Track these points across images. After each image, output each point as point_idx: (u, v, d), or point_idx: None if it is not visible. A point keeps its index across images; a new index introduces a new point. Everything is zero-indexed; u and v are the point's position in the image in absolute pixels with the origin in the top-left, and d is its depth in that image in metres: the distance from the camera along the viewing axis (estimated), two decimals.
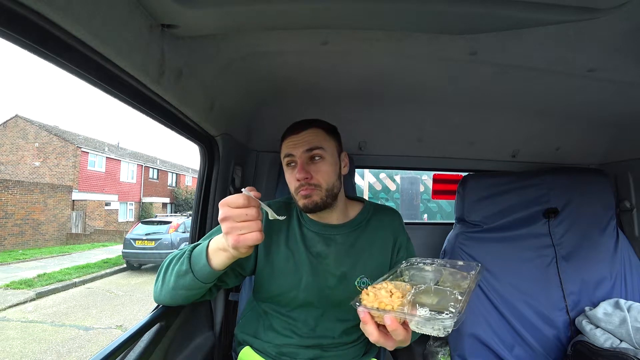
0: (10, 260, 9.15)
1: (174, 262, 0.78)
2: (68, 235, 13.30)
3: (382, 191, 4.00)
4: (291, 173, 0.87)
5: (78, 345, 4.36)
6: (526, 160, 1.61)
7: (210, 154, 1.12)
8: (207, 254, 0.73)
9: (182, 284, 0.75)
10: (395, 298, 0.56)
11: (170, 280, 0.76)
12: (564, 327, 1.29)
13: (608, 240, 1.41)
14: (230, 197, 0.66)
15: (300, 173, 0.83)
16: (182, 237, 8.70)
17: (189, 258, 0.75)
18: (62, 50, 0.49)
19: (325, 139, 0.89)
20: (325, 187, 0.85)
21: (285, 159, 0.89)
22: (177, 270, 0.75)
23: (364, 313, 0.56)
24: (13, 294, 6.24)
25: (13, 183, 11.76)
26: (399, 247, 0.94)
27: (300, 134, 0.87)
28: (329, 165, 0.87)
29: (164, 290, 0.79)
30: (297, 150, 0.86)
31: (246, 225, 0.64)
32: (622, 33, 0.74)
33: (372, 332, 0.56)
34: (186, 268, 0.74)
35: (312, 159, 0.86)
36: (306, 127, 0.88)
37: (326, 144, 0.88)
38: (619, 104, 1.21)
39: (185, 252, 0.77)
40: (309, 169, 0.85)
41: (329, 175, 0.86)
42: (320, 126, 0.90)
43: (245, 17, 0.68)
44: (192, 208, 1.20)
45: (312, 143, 0.86)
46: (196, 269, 0.73)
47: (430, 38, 0.83)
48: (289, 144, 0.87)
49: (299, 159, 0.85)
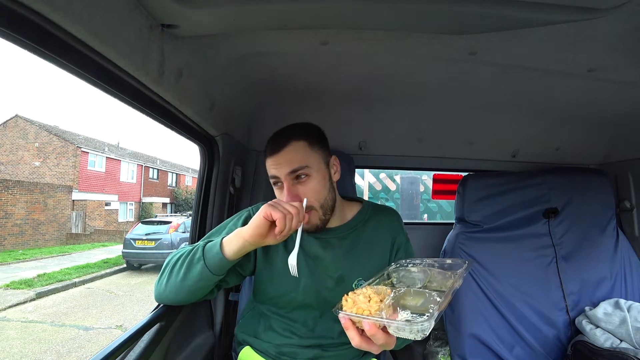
0: (10, 260, 9.15)
1: (183, 257, 0.79)
2: (68, 235, 13.30)
3: (382, 191, 4.00)
4: (280, 194, 0.84)
5: (78, 345, 4.36)
6: (526, 160, 1.61)
7: (210, 154, 1.12)
8: (221, 243, 0.76)
9: (192, 275, 0.77)
10: (373, 303, 0.57)
11: (180, 272, 0.78)
12: (564, 327, 1.29)
13: (608, 240, 1.41)
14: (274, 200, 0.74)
15: (289, 197, 0.79)
16: (182, 237, 8.70)
17: (202, 248, 0.78)
18: (62, 50, 0.49)
19: (307, 153, 0.82)
20: (318, 205, 0.82)
21: (272, 181, 0.85)
22: (188, 260, 0.78)
23: (344, 319, 0.57)
24: (13, 294, 6.24)
25: (13, 183, 11.76)
26: (398, 247, 0.93)
27: (280, 153, 0.81)
28: (317, 182, 0.82)
29: (169, 286, 0.79)
30: (280, 171, 0.81)
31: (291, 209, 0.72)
32: (622, 33, 0.74)
33: (354, 337, 0.57)
34: (199, 256, 0.76)
35: (297, 178, 0.81)
36: (285, 143, 0.81)
37: (311, 160, 0.82)
38: (618, 104, 1.21)
39: (197, 246, 0.79)
40: (297, 191, 0.80)
41: (319, 192, 0.82)
42: (301, 137, 0.83)
43: (245, 17, 0.68)
44: (192, 208, 1.20)
45: (294, 163, 0.80)
46: (208, 256, 0.76)
47: (430, 38, 0.83)
48: (271, 163, 0.82)
49: (284, 181, 0.81)
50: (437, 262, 0.71)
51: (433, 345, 1.58)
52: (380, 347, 0.59)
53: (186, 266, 0.77)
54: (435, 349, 1.55)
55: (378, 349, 0.60)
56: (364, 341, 0.58)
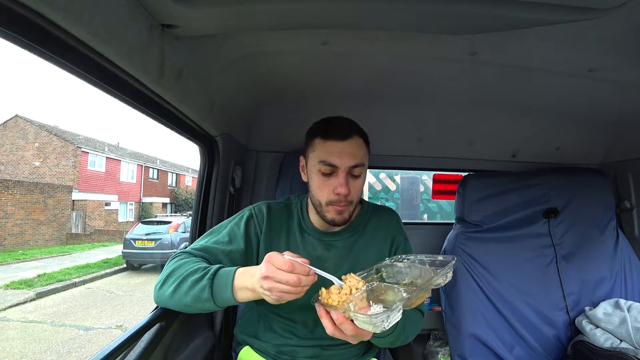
0: (10, 260, 9.15)
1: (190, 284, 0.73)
2: (68, 235, 13.30)
3: (382, 191, 4.00)
4: (325, 181, 0.82)
5: (78, 345, 4.36)
6: (526, 160, 1.61)
7: (210, 154, 1.12)
8: (233, 288, 0.70)
9: (199, 307, 0.74)
10: (342, 294, 0.61)
11: (186, 299, 0.73)
12: (564, 327, 1.29)
13: (608, 240, 1.41)
14: (276, 256, 0.65)
15: (344, 188, 0.79)
16: (182, 237, 8.70)
17: (210, 287, 0.71)
18: (62, 50, 0.49)
19: (365, 153, 0.84)
20: (355, 202, 0.85)
21: (322, 166, 0.81)
22: (195, 295, 0.72)
23: (318, 308, 0.63)
24: (13, 294, 6.24)
25: (13, 183, 11.76)
26: (396, 247, 0.94)
27: (346, 141, 0.80)
28: (363, 181, 0.84)
29: (173, 302, 0.76)
30: (342, 161, 0.79)
31: (286, 289, 0.63)
32: (622, 33, 0.74)
33: (327, 325, 0.62)
34: (207, 297, 0.71)
35: (351, 173, 0.81)
36: (351, 134, 0.82)
37: (365, 159, 0.84)
38: (619, 104, 1.21)
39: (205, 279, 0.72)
40: (349, 185, 0.81)
41: (361, 191, 0.85)
42: (362, 135, 0.85)
43: (245, 17, 0.68)
44: (192, 208, 1.20)
45: (358, 158, 0.81)
46: (218, 298, 0.71)
47: (430, 38, 0.83)
48: (332, 149, 0.80)
49: (343, 172, 0.80)
50: (428, 257, 0.73)
51: (433, 345, 1.58)
52: (354, 338, 0.62)
53: (193, 299, 0.72)
54: (435, 349, 1.55)
55: (353, 339, 0.63)
56: (336, 330, 0.61)
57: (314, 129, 0.86)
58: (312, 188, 0.86)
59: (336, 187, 0.80)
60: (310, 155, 0.86)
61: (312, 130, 0.86)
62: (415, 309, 0.89)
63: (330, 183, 0.81)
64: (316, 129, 0.85)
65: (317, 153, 0.83)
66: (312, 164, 0.84)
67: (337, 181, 0.80)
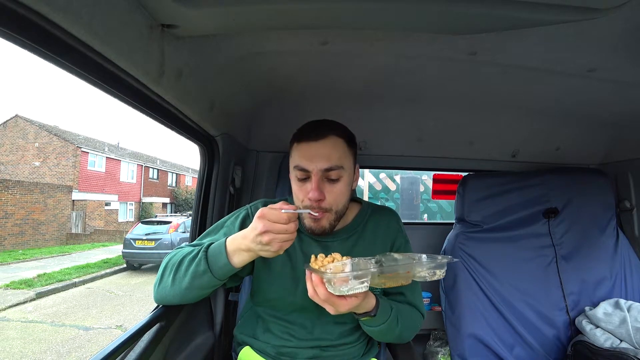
0: (10, 260, 9.15)
1: (186, 264, 0.76)
2: (68, 235, 13.30)
3: (382, 191, 4.00)
4: (300, 187, 0.79)
5: (78, 345, 4.36)
6: (526, 160, 1.61)
7: (210, 154, 1.12)
8: (227, 253, 0.73)
9: (198, 284, 0.75)
10: (326, 262, 0.67)
11: (184, 281, 0.75)
12: (564, 327, 1.29)
13: (608, 240, 1.41)
14: (270, 212, 0.67)
15: (315, 193, 0.74)
16: (182, 237, 8.69)
17: (205, 259, 0.74)
18: (62, 50, 0.49)
19: (345, 154, 0.79)
20: (335, 210, 0.79)
21: (297, 172, 0.78)
22: (192, 271, 0.74)
23: (307, 272, 0.67)
24: (13, 294, 6.23)
25: (13, 183, 11.75)
26: (397, 249, 0.93)
27: (318, 142, 0.76)
28: (344, 186, 0.78)
29: (173, 291, 0.77)
30: (312, 165, 0.75)
31: (286, 237, 0.68)
32: (622, 33, 0.74)
33: (309, 287, 0.66)
34: (204, 268, 0.73)
35: (328, 177, 0.77)
36: (326, 134, 0.77)
37: (346, 161, 0.78)
38: (619, 104, 1.21)
39: (200, 254, 0.75)
40: (324, 189, 0.76)
41: (343, 196, 0.79)
42: (342, 135, 0.79)
43: (245, 17, 0.68)
44: (192, 208, 1.20)
45: (332, 161, 0.75)
46: (215, 268, 0.73)
47: (430, 38, 0.83)
48: (304, 152, 0.77)
49: (314, 176, 0.75)
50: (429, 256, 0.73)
51: (433, 345, 1.58)
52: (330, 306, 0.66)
53: (191, 277, 0.74)
54: (435, 349, 1.56)
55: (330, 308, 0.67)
56: (315, 294, 0.66)
57: (294, 133, 0.84)
58: (293, 195, 0.83)
59: (308, 192, 0.76)
60: (290, 161, 0.83)
61: (293, 135, 0.83)
62: (414, 308, 0.89)
63: (305, 188, 0.77)
64: (295, 132, 0.83)
65: (293, 158, 0.80)
66: (290, 169, 0.82)
67: (310, 186, 0.76)
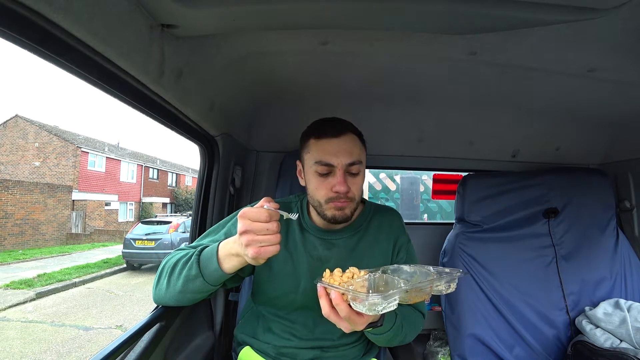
0: (10, 260, 9.15)
1: (180, 267, 0.76)
2: (68, 235, 13.30)
3: (382, 191, 4.00)
4: (322, 182, 0.81)
5: (78, 345, 4.36)
6: (526, 160, 1.61)
7: (210, 154, 1.12)
8: (218, 258, 0.72)
9: (191, 288, 0.75)
10: (345, 277, 0.63)
11: (178, 284, 0.76)
12: (564, 327, 1.29)
13: (608, 240, 1.41)
14: (250, 210, 0.65)
15: (343, 186, 0.78)
16: (182, 237, 8.69)
17: (197, 263, 0.74)
18: (62, 50, 0.49)
19: (361, 151, 0.84)
20: (357, 200, 0.83)
21: (318, 167, 0.80)
22: (185, 275, 0.75)
23: (320, 288, 0.63)
24: (13, 294, 6.24)
25: (13, 183, 11.76)
26: (399, 248, 0.93)
27: (340, 138, 0.80)
28: (362, 179, 0.84)
29: (169, 294, 0.78)
30: (338, 160, 0.79)
31: (266, 239, 0.65)
32: (622, 33, 0.74)
33: (324, 305, 0.62)
34: (196, 273, 0.73)
35: (349, 171, 0.81)
36: (344, 132, 0.81)
37: (362, 156, 0.84)
38: (619, 103, 1.21)
39: (192, 257, 0.75)
40: (349, 183, 0.80)
41: (362, 188, 0.84)
42: (356, 132, 0.85)
43: (245, 17, 0.68)
44: (192, 208, 1.20)
45: (354, 155, 0.80)
46: (206, 272, 0.73)
47: (430, 38, 0.83)
48: (327, 148, 0.80)
49: (340, 170, 0.79)
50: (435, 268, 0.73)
51: (433, 345, 1.58)
52: (347, 323, 0.62)
53: (183, 280, 0.75)
54: (435, 349, 1.56)
55: (346, 325, 0.63)
56: (332, 312, 0.62)
57: (307, 130, 0.86)
58: (310, 190, 0.85)
59: (334, 186, 0.79)
60: (305, 158, 0.85)
61: (306, 132, 0.86)
62: (416, 310, 0.89)
63: (328, 182, 0.80)
64: (309, 129, 0.85)
65: (312, 154, 0.82)
66: (308, 165, 0.84)
67: (335, 180, 0.79)
